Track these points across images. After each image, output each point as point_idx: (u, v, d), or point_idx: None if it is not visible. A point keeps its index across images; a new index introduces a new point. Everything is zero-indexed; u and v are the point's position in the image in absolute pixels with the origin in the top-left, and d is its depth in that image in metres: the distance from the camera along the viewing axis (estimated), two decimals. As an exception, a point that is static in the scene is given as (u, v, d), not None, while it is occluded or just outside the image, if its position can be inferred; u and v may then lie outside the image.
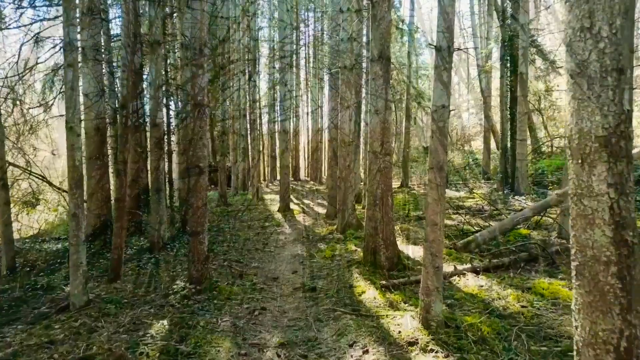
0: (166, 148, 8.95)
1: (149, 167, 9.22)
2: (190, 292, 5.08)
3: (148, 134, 9.02)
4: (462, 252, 6.22)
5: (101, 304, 4.77)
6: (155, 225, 7.55)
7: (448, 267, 5.59)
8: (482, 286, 4.94)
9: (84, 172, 8.60)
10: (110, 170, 13.23)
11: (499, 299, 4.52)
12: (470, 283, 5.07)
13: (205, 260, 5.37)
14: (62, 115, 12.20)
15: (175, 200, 10.43)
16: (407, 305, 4.43)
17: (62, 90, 12.05)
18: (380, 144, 5.68)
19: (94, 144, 7.73)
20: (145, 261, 6.91)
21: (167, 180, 9.37)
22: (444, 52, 3.66)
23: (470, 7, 31.27)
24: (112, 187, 13.67)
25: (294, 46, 30.75)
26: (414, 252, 6.71)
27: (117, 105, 11.50)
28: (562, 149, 20.44)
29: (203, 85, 5.28)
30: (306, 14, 36.44)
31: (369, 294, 4.85)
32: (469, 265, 5.52)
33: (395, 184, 17.70)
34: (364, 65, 15.69)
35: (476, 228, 7.94)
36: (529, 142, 16.57)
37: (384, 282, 5.06)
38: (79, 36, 7.76)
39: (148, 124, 8.24)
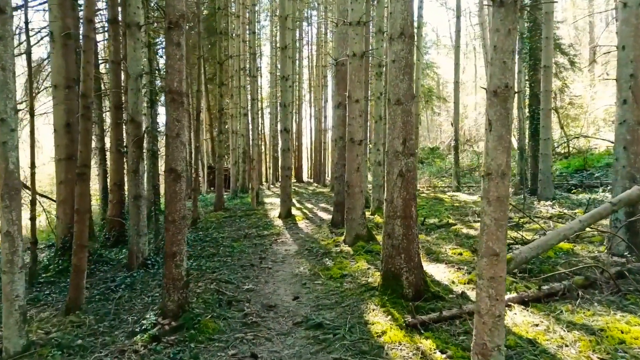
0: (150, 147, 7.87)
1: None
2: (162, 330, 3.99)
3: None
4: (500, 275, 5.10)
5: (44, 348, 3.69)
6: (133, 238, 6.47)
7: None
8: (536, 325, 3.82)
9: (54, 175, 7.58)
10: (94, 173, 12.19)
11: (566, 345, 3.41)
12: (519, 319, 3.96)
13: (183, 288, 4.28)
14: (46, 113, 11.10)
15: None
16: (445, 356, 3.33)
17: (46, 85, 11.06)
18: (402, 141, 4.58)
19: (64, 143, 6.67)
20: (119, 282, 5.83)
21: (152, 185, 8.31)
22: (509, 7, 2.56)
23: (479, 0, 30.19)
24: (93, 192, 12.64)
25: (297, 43, 29.80)
26: (440, 272, 5.60)
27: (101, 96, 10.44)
28: (580, 150, 19.31)
29: (180, 68, 4.19)
30: (309, 12, 35.43)
31: (392, 334, 3.74)
32: (514, 295, 4.40)
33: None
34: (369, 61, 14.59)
35: (508, 241, 6.80)
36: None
37: (409, 317, 3.95)
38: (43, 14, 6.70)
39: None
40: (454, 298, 4.55)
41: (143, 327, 4.09)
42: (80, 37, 6.17)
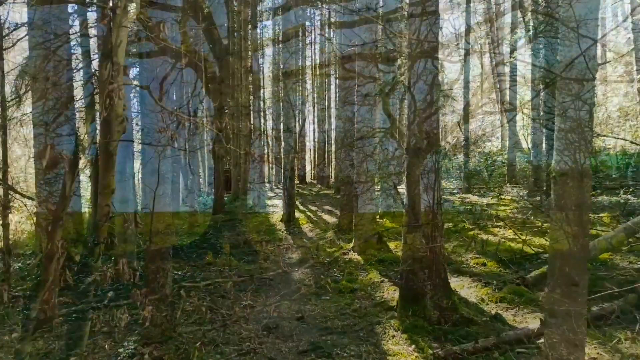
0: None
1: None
2: (141, 361, 3.35)
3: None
4: (536, 291, 4.43)
5: (-4, 387, 3.04)
6: (120, 246, 5.82)
7: (524, 317, 3.84)
8: (595, 359, 3.15)
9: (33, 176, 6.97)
10: (87, 175, 11.60)
11: (639, 389, 2.74)
12: (570, 350, 3.28)
13: (168, 309, 3.64)
14: (32, 112, 10.51)
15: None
16: (489, 404, 2.66)
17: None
18: (424, 136, 3.91)
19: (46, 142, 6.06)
20: (101, 296, 5.18)
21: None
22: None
23: (486, -3, 29.47)
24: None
25: (300, 42, 29.18)
26: (465, 287, 4.91)
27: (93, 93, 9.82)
28: (593, 150, 18.57)
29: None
30: (312, 11, 34.81)
31: (418, 370, 3.08)
32: (560, 318, 3.73)
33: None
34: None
35: (536, 250, 6.14)
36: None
37: (437, 348, 3.29)
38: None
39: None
40: (487, 321, 3.87)
41: (120, 358, 3.45)
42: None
